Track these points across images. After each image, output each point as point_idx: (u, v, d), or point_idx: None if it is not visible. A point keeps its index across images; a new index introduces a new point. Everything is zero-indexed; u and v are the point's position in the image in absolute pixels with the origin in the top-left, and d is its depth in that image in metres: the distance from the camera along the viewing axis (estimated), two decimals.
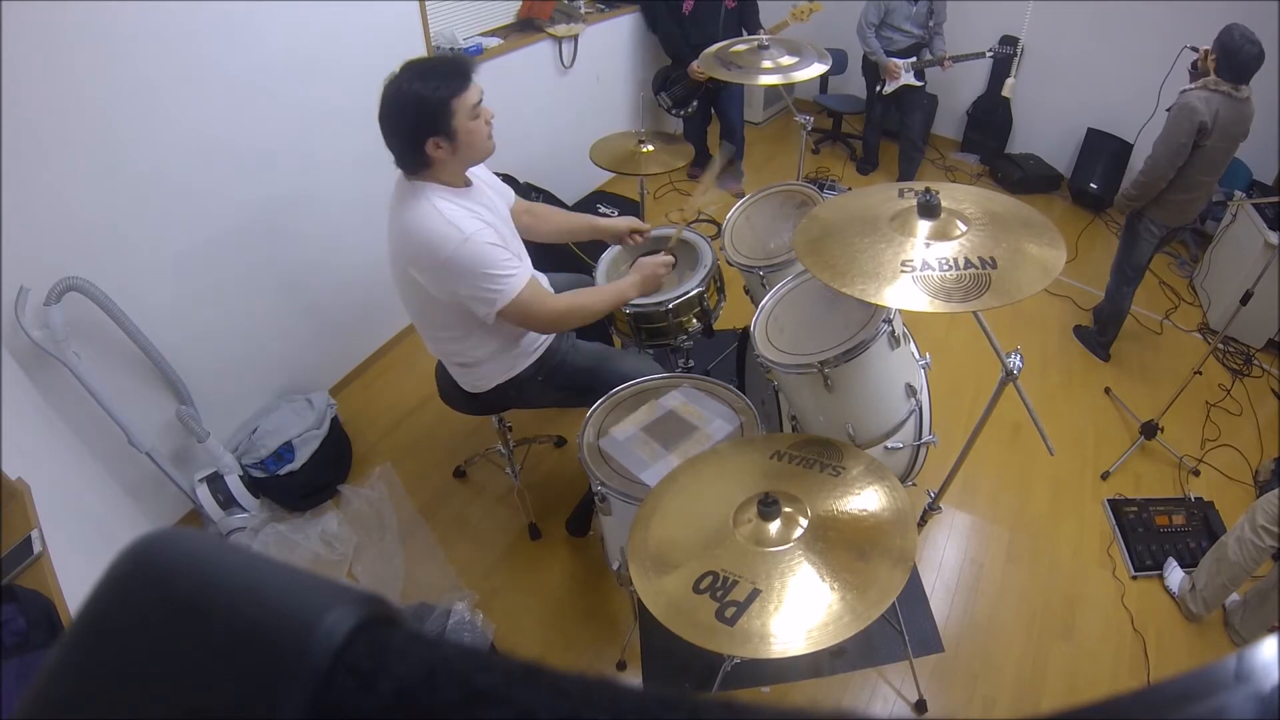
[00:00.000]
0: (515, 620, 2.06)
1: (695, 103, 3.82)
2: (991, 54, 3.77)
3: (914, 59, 3.89)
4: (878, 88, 4.04)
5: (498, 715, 0.19)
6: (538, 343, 1.82)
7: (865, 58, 4.04)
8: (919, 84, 3.95)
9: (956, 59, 3.78)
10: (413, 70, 1.45)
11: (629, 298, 1.77)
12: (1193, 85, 2.44)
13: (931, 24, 3.83)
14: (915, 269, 1.20)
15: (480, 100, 1.50)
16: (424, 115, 1.44)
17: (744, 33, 3.60)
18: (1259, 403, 2.93)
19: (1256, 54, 2.32)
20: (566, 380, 1.87)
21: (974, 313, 1.20)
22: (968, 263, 1.20)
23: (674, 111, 3.87)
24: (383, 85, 1.46)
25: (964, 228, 1.28)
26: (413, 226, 1.50)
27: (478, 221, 1.52)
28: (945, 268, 1.20)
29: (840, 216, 1.41)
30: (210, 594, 0.21)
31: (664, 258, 1.80)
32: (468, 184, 1.62)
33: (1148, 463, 2.63)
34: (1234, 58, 2.33)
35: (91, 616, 0.21)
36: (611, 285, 1.78)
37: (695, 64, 3.55)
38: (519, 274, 1.56)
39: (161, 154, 1.90)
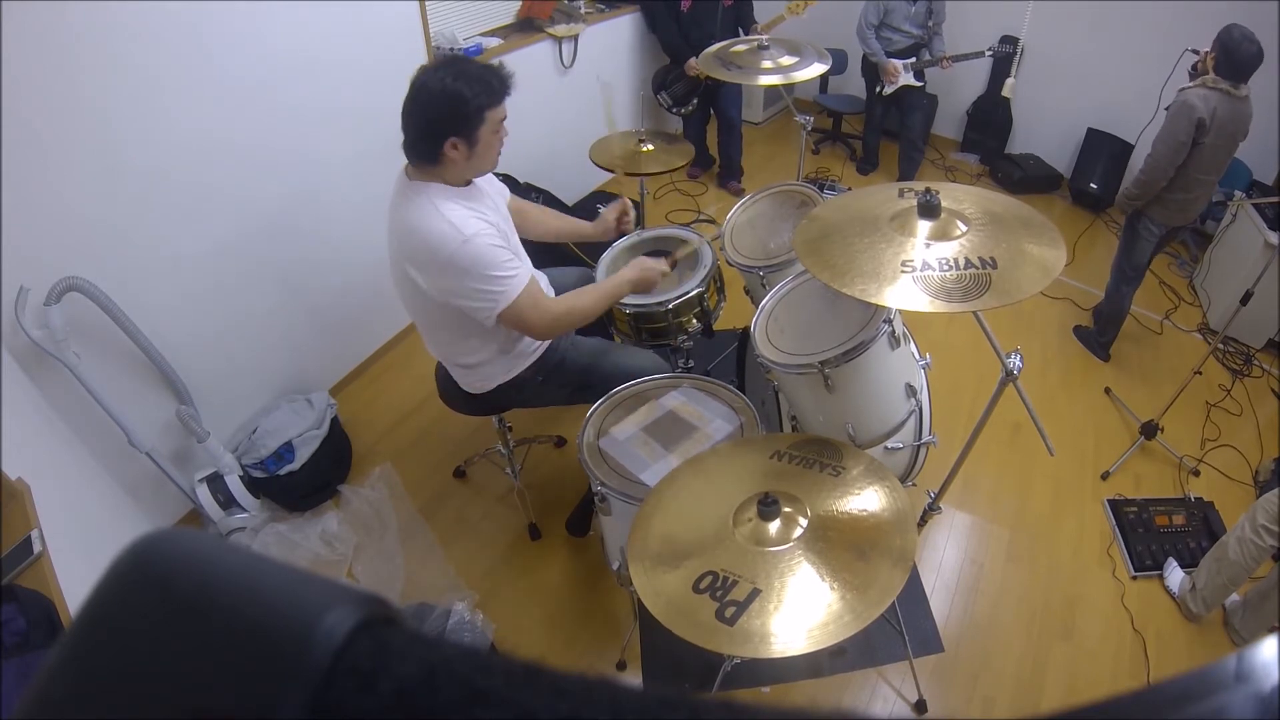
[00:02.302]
0: (515, 620, 2.06)
1: (695, 100, 3.83)
2: (991, 53, 3.78)
3: (913, 59, 3.89)
4: (877, 88, 4.04)
5: (498, 715, 0.19)
6: (536, 343, 1.82)
7: (865, 58, 4.04)
8: (919, 84, 3.95)
9: (956, 59, 3.78)
10: (458, 68, 1.45)
11: (622, 293, 1.75)
12: (1191, 84, 2.45)
13: (931, 24, 3.83)
14: (915, 269, 1.20)
15: (505, 118, 1.52)
16: (457, 115, 1.44)
17: (741, 31, 3.61)
18: (1259, 403, 2.93)
19: (1255, 53, 2.32)
20: (567, 378, 1.86)
21: (974, 313, 1.20)
22: (968, 263, 1.20)
23: (674, 110, 3.88)
24: (418, 71, 1.46)
25: (964, 228, 1.28)
26: (413, 226, 1.50)
27: (480, 221, 1.51)
28: (945, 268, 1.20)
29: (840, 216, 1.41)
30: (210, 594, 0.21)
31: (663, 264, 1.78)
32: (467, 183, 1.62)
33: (1148, 463, 2.63)
34: (1232, 56, 2.34)
35: (91, 616, 0.21)
36: (604, 282, 1.75)
37: (693, 60, 3.57)
38: (519, 275, 1.55)
39: (162, 154, 1.90)
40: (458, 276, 1.50)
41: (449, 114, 1.44)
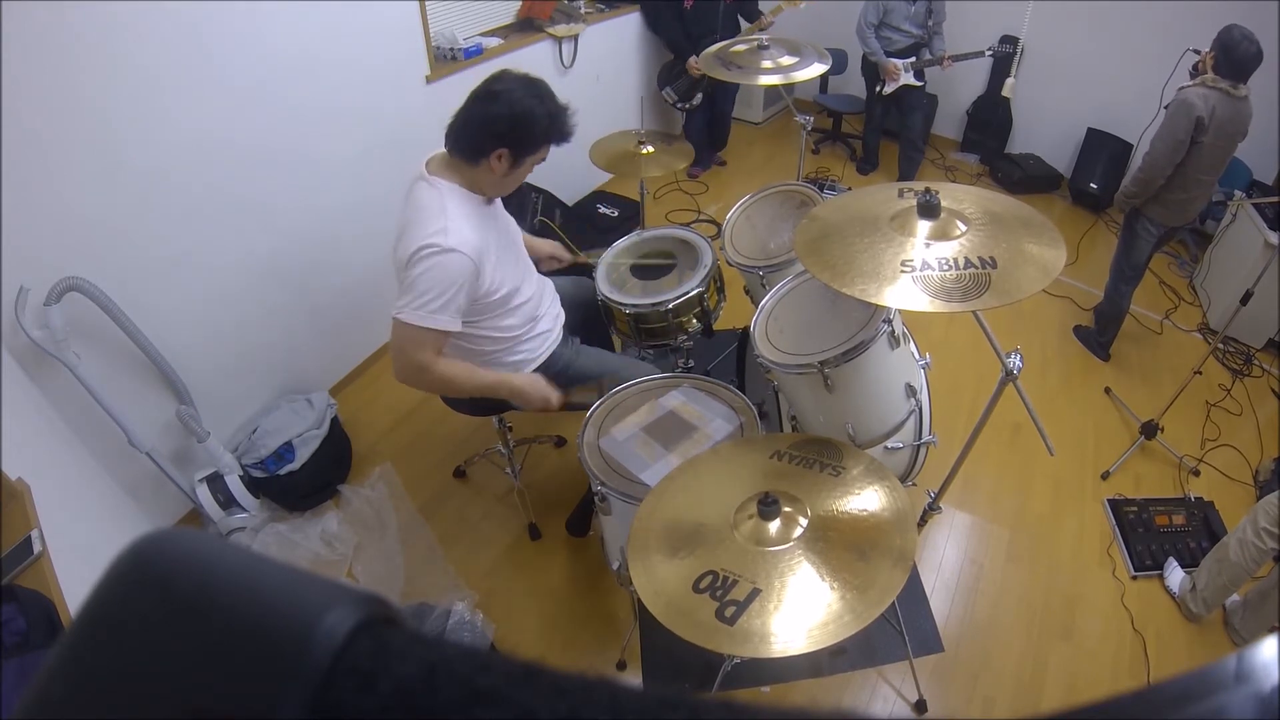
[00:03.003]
0: (515, 620, 2.06)
1: (699, 95, 3.84)
2: (990, 52, 3.78)
3: (913, 59, 3.90)
4: (877, 88, 4.04)
5: (498, 715, 0.19)
6: (540, 349, 1.81)
7: (865, 58, 4.04)
8: (919, 84, 3.96)
9: (956, 58, 3.78)
10: (545, 93, 1.48)
11: (497, 394, 1.67)
12: (1191, 83, 2.46)
13: (930, 23, 3.83)
14: (915, 269, 1.20)
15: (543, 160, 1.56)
16: (524, 131, 1.47)
17: (744, 24, 3.63)
18: (1259, 403, 2.93)
19: (1254, 52, 2.33)
20: (569, 385, 1.86)
21: (974, 313, 1.20)
22: (968, 262, 1.20)
23: (679, 105, 3.90)
24: (503, 74, 1.48)
25: (964, 228, 1.28)
26: (410, 216, 1.51)
27: (474, 236, 1.49)
28: (945, 268, 1.20)
29: (840, 216, 1.41)
30: (210, 594, 0.21)
31: (558, 397, 1.69)
32: (489, 201, 1.63)
33: (1148, 463, 2.63)
34: (1232, 55, 2.34)
35: (91, 616, 0.21)
36: (487, 373, 1.66)
37: (694, 60, 3.59)
38: (435, 319, 1.47)
39: (162, 154, 1.90)
40: (407, 268, 1.47)
41: (521, 126, 1.46)
